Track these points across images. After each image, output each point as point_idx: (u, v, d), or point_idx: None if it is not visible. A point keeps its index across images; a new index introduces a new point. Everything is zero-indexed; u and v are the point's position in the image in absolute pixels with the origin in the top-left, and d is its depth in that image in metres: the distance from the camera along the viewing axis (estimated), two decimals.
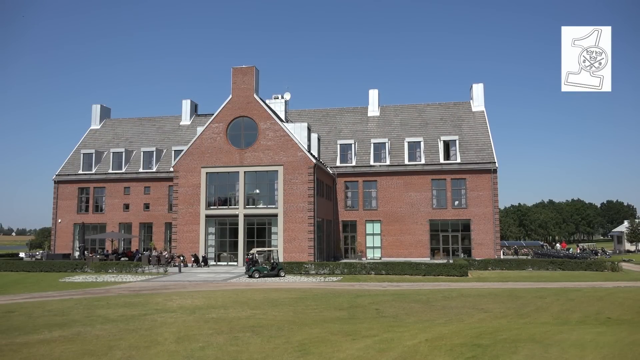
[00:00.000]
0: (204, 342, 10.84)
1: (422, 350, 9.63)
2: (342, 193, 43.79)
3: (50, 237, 50.02)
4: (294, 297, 19.79)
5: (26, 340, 11.52)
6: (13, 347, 10.70)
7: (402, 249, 41.85)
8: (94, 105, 53.78)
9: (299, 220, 36.09)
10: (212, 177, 38.39)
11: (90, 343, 11.06)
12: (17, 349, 10.49)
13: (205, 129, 38.78)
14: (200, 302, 18.39)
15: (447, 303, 17.70)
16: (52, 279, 30.06)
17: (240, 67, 38.55)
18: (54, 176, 47.57)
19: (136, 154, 47.71)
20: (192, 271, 33.60)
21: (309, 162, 36.54)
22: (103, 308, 17.21)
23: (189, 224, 37.94)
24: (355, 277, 28.99)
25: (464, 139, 43.80)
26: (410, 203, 42.31)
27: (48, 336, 12.03)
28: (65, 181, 47.05)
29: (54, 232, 47.17)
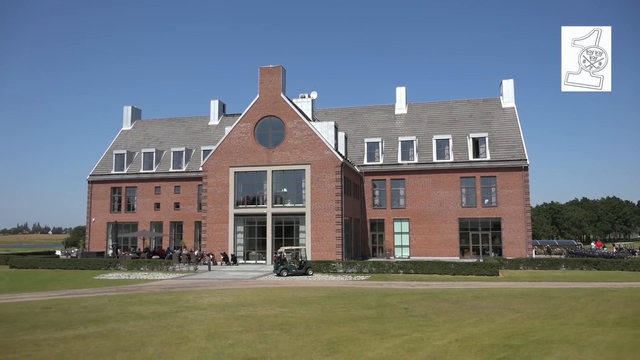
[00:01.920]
0: (233, 340, 10.96)
1: (452, 350, 9.51)
2: (370, 192, 43.61)
3: (84, 236, 51.42)
4: (322, 296, 19.81)
5: (63, 336, 11.87)
6: (50, 342, 11.04)
7: (431, 247, 41.43)
8: (125, 106, 54.99)
9: (326, 219, 36.12)
10: (240, 176, 38.77)
11: (123, 339, 11.31)
12: (54, 344, 10.82)
13: (233, 128, 39.17)
14: (230, 300, 18.59)
15: (477, 303, 17.44)
16: (87, 276, 30.89)
17: (267, 66, 38.78)
18: (87, 176, 48.84)
19: (166, 154, 48.57)
20: (221, 269, 34.00)
21: (336, 161, 36.52)
22: (136, 305, 17.59)
23: (218, 223, 38.41)
24: (384, 276, 28.84)
25: (493, 136, 43.04)
26: (439, 201, 41.83)
27: (83, 332, 12.36)
28: (99, 181, 48.25)
29: (88, 231, 48.44)
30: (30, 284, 28.39)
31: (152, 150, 47.86)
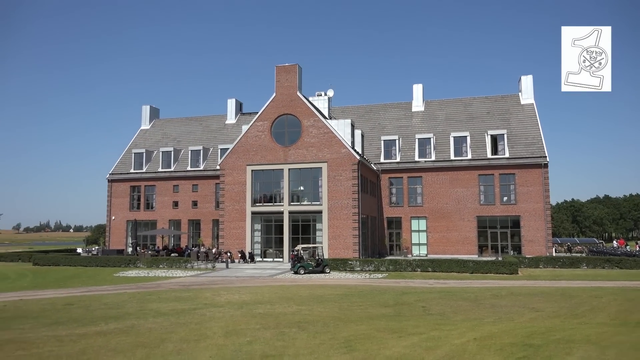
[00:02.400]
0: (251, 337, 11.02)
1: (471, 349, 9.43)
2: (387, 189, 43.45)
3: (105, 234, 52.20)
4: (339, 294, 19.81)
5: (84, 332, 12.08)
6: (72, 338, 11.24)
7: (449, 245, 41.14)
8: (144, 106, 55.62)
9: (343, 217, 36.09)
10: (257, 174, 38.95)
11: (143, 335, 11.47)
12: (76, 340, 11.02)
13: (250, 127, 39.36)
14: (248, 298, 18.71)
15: (496, 301, 17.27)
16: (107, 273, 31.38)
17: (283, 65, 38.86)
18: (107, 175, 49.57)
19: (184, 152, 49.03)
20: (238, 267, 34.23)
21: (352, 159, 36.46)
22: (155, 302, 17.81)
23: (236, 221, 38.66)
24: (401, 274, 28.74)
25: (512, 133, 42.52)
26: (456, 199, 41.50)
27: (104, 328, 12.56)
28: (118, 180, 48.93)
29: (108, 229, 49.18)
30: (52, 281, 28.95)
31: (170, 149, 48.36)
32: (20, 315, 15.46)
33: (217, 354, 9.40)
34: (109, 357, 9.25)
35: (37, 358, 9.25)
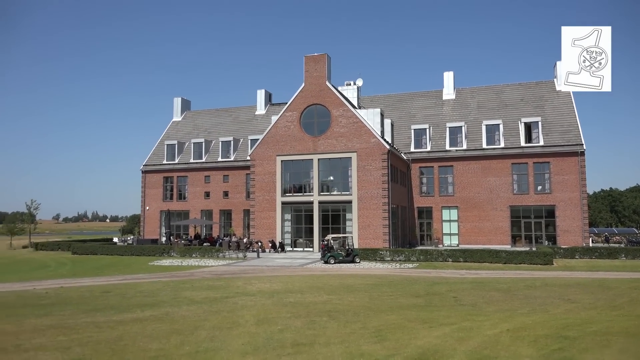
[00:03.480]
0: (282, 325, 11.14)
1: (504, 340, 9.30)
2: (417, 179, 43.03)
3: (139, 224, 53.52)
4: (369, 283, 19.82)
5: (121, 319, 12.45)
6: (110, 325, 11.60)
7: (481, 236, 40.55)
8: (176, 98, 56.48)
9: (373, 207, 35.98)
10: (287, 164, 39.12)
11: (177, 323, 11.74)
12: (114, 326, 11.37)
13: (279, 117, 39.51)
14: (278, 287, 18.91)
15: (530, 292, 16.96)
16: (142, 262, 32.20)
17: (312, 55, 38.76)
18: (141, 166, 50.66)
19: (215, 143, 49.61)
20: (269, 256, 34.59)
21: (382, 148, 36.22)
22: (188, 290, 18.20)
23: (266, 211, 39.01)
24: (432, 264, 28.54)
25: (547, 120, 41.40)
26: (489, 188, 40.79)
27: (140, 315, 12.91)
28: (152, 171, 49.95)
29: (142, 219, 50.37)
30: (90, 269, 29.92)
31: (201, 141, 49.02)
32: (61, 302, 16.05)
33: (249, 342, 9.54)
34: (145, 343, 9.51)
35: (77, 343, 9.58)
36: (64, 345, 9.43)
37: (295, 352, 8.77)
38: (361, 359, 8.26)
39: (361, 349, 8.85)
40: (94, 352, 8.86)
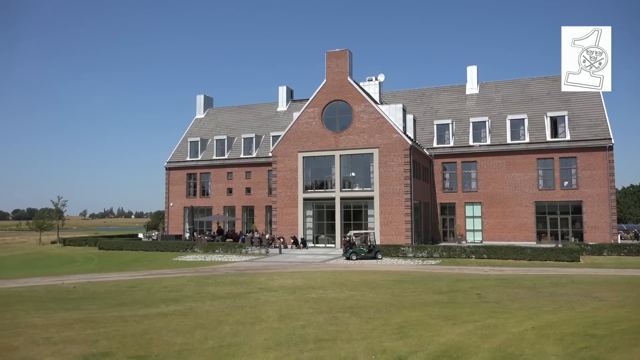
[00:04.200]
0: (304, 321, 11.20)
1: (529, 338, 9.17)
2: (440, 175, 42.66)
3: (164, 220, 54.33)
4: (391, 280, 19.75)
5: (147, 313, 12.68)
6: (136, 319, 11.83)
7: (505, 232, 40.00)
8: (198, 95, 57.08)
9: (395, 203, 35.82)
10: (308, 161, 39.20)
11: (201, 317, 11.90)
12: (139, 321, 11.58)
13: (301, 114, 39.58)
14: (300, 283, 18.99)
15: (555, 290, 16.67)
16: (167, 257, 32.72)
17: (333, 50, 38.69)
18: (165, 163, 51.38)
19: (237, 140, 49.98)
20: (291, 252, 34.76)
21: (404, 144, 35.98)
22: (212, 286, 18.43)
23: (288, 207, 39.18)
24: (455, 261, 28.29)
25: (574, 114, 40.53)
26: (513, 184, 40.18)
27: (165, 310, 13.13)
28: (175, 168, 50.62)
29: (166, 215, 51.11)
30: (116, 264, 30.54)
31: (223, 137, 49.44)
32: (88, 297, 16.43)
33: (272, 337, 9.61)
34: (170, 337, 9.67)
35: (104, 336, 9.80)
36: (92, 338, 9.66)
37: (317, 347, 8.80)
38: (383, 355, 8.25)
39: (383, 345, 8.84)
40: (120, 346, 9.04)
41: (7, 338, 9.77)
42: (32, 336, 9.91)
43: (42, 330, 10.46)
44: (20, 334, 10.18)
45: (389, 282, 19.15)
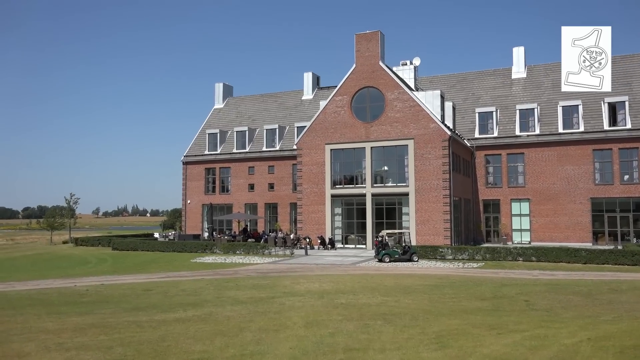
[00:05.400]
0: (333, 329, 11.22)
1: (584, 350, 8.98)
2: (483, 168, 42.12)
3: (181, 218, 55.23)
4: (429, 284, 19.66)
5: (164, 318, 12.92)
6: (152, 324, 12.06)
7: (557, 232, 39.27)
8: (217, 83, 57.66)
9: (432, 200, 35.53)
10: (336, 154, 39.20)
11: (221, 324, 12.05)
12: (156, 326, 11.81)
13: (328, 102, 39.58)
14: (329, 287, 19.06)
15: (615, 297, 16.29)
16: (184, 259, 33.27)
17: (364, 32, 38.53)
18: (182, 157, 52.16)
19: (259, 132, 50.34)
20: (318, 254, 34.88)
21: (442, 134, 35.62)
22: (232, 289, 18.65)
23: (315, 205, 39.30)
24: (500, 264, 27.99)
25: (635, 100, 39.38)
26: (565, 178, 39.37)
27: (183, 315, 13.36)
28: (193, 162, 51.34)
29: (184, 213, 51.96)
30: (131, 265, 31.21)
31: (244, 129, 49.86)
32: (102, 300, 16.84)
33: (298, 345, 9.67)
34: (188, 345, 9.83)
35: (119, 343, 10.03)
36: (106, 345, 9.89)
37: (347, 357, 8.82)
38: None
39: (420, 357, 8.79)
40: (136, 353, 9.24)
41: (19, 343, 10.10)
42: (44, 342, 10.21)
43: (55, 336, 10.77)
44: (31, 339, 10.52)
45: (426, 286, 19.05)
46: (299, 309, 13.98)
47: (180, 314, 13.49)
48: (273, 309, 14.06)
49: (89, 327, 11.82)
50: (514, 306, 14.73)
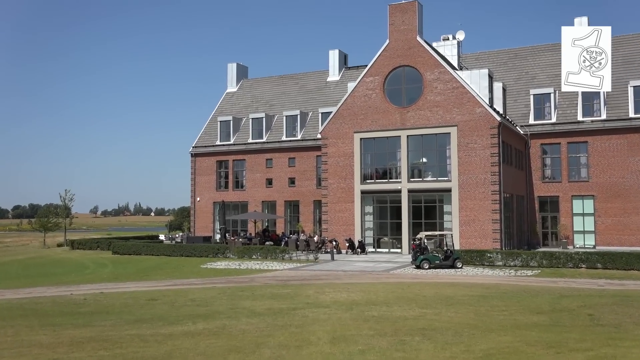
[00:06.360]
0: (363, 345, 11.24)
1: None
2: (538, 160, 41.63)
3: (189, 218, 55.82)
4: (475, 295, 19.56)
5: (170, 332, 13.10)
6: (158, 338, 12.24)
7: (627, 234, 38.65)
8: (230, 64, 58.07)
9: (479, 197, 35.25)
10: (367, 143, 39.14)
11: (236, 338, 12.16)
12: (161, 341, 11.98)
13: (357, 84, 39.51)
14: (358, 297, 19.08)
15: None
16: (193, 264, 33.65)
17: (398, 3, 38.34)
18: (190, 148, 52.67)
19: (278, 119, 50.52)
20: (346, 259, 34.93)
21: (491, 120, 35.26)
22: (248, 299, 18.81)
23: (342, 202, 39.32)
24: (559, 271, 27.75)
25: None
26: (637, 171, 38.72)
27: (192, 328, 13.52)
28: (203, 154, 51.81)
29: (193, 213, 52.51)
30: (133, 272, 31.68)
31: (261, 115, 50.09)
32: (102, 311, 17.15)
33: None
34: None
35: (121, 359, 10.20)
36: None
37: None
38: None
39: None
40: None
41: (9, 359, 10.34)
42: (37, 357, 10.45)
43: (49, 351, 11.01)
44: (23, 354, 10.77)
45: (472, 297, 18.96)
46: (323, 322, 14.03)
47: (189, 327, 13.66)
48: (294, 322, 14.14)
49: (87, 341, 12.05)
50: (576, 321, 14.57)
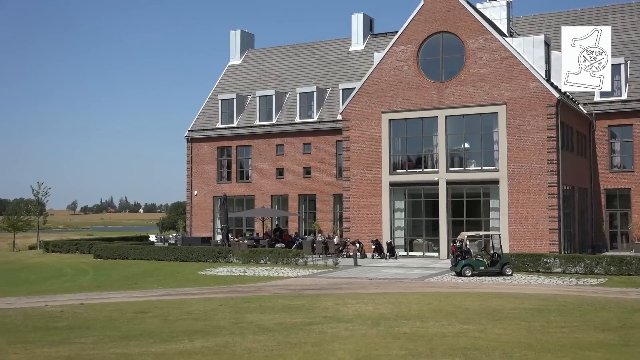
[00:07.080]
0: None
1: None
2: (605, 145, 41.27)
3: (185, 215, 56.11)
4: (527, 308, 19.46)
5: (163, 350, 13.16)
6: (147, 358, 12.31)
7: None
8: (233, 31, 58.04)
9: (533, 190, 35.02)
10: (397, 126, 39.00)
11: (240, 358, 12.20)
12: None
13: (385, 55, 39.33)
14: (386, 310, 19.04)
15: None
16: (190, 270, 33.83)
17: None
18: (186, 132, 52.79)
19: (290, 96, 50.47)
20: (372, 264, 34.92)
21: (548, 97, 34.94)
22: (255, 312, 18.84)
23: (367, 197, 39.25)
24: (630, 280, 27.59)
25: None
26: None
27: (189, 346, 13.57)
28: (201, 138, 51.91)
29: (189, 209, 52.73)
30: (119, 279, 31.94)
31: (270, 93, 50.07)
32: (82, 325, 17.28)
33: None
34: None
35: None
36: None
37: None
38: None
39: None
40: None
41: None
42: None
43: None
44: None
45: (524, 311, 18.87)
46: (345, 340, 14.02)
47: (184, 345, 13.72)
48: (310, 340, 14.14)
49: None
50: None
